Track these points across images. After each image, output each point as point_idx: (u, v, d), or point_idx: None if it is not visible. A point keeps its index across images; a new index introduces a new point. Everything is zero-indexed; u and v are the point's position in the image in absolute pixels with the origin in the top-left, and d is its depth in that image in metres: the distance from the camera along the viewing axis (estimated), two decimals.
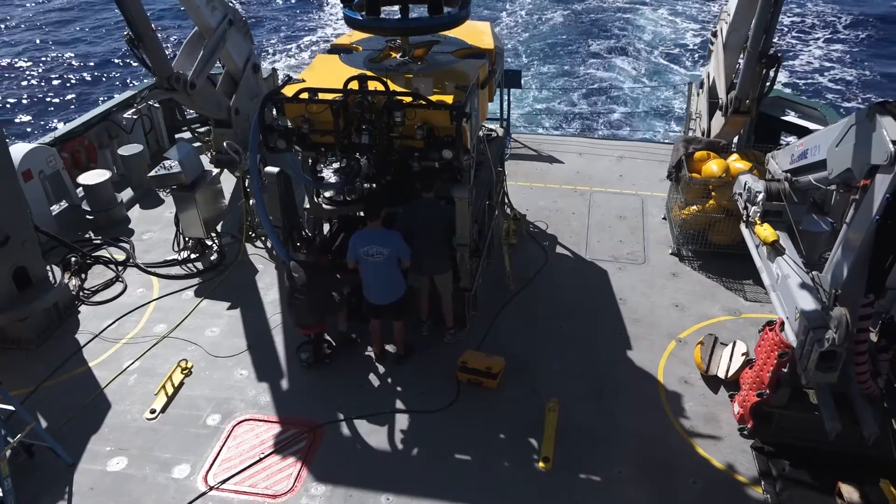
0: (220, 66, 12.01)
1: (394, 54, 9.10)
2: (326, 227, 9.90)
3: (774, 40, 9.02)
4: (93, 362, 8.80)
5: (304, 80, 8.14)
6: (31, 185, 10.88)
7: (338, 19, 34.83)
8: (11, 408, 7.06)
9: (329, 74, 8.23)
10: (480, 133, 9.31)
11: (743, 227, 8.36)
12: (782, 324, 6.95)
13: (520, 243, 10.88)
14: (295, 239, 8.77)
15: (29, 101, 27.72)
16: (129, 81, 27.68)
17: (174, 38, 29.75)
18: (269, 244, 10.86)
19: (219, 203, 10.95)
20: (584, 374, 8.38)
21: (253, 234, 11.07)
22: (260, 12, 37.34)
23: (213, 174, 10.81)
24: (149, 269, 10.59)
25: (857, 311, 6.22)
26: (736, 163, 9.95)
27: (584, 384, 8.24)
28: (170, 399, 8.14)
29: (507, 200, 11.12)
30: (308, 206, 9.26)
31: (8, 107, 27.18)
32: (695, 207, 10.21)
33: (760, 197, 7.73)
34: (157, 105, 14.01)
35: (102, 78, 29.83)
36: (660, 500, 6.84)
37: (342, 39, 9.91)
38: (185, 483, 7.08)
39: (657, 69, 28.97)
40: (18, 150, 10.79)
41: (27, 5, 40.36)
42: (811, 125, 11.81)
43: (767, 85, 9.36)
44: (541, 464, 7.18)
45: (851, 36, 31.24)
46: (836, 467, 6.86)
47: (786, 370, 7.06)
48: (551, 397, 7.93)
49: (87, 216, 11.75)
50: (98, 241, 11.27)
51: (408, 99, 7.49)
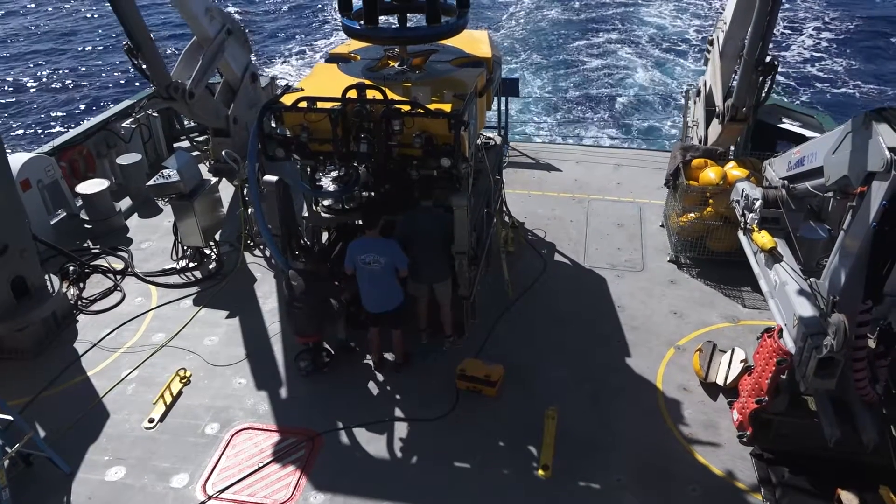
0: (219, 74, 12.03)
1: (392, 63, 9.13)
2: (325, 236, 9.91)
3: (770, 48, 9.07)
4: (91, 371, 8.78)
5: (302, 89, 8.18)
6: (30, 195, 10.89)
7: (336, 29, 34.99)
8: (10, 417, 7.04)
9: (327, 83, 8.26)
10: (478, 141, 9.34)
11: (741, 234, 8.38)
12: (780, 331, 6.96)
13: (518, 251, 10.90)
14: (293, 247, 8.78)
15: (28, 110, 27.76)
16: (127, 91, 27.68)
17: (173, 48, 29.87)
18: (267, 253, 10.87)
19: (217, 212, 10.96)
20: (582, 382, 8.37)
21: (251, 243, 11.08)
22: (258, 21, 37.48)
23: (212, 183, 10.82)
24: (147, 278, 10.59)
25: (855, 318, 6.23)
26: (733, 170, 9.99)
27: (583, 391, 8.23)
28: (168, 408, 8.12)
29: (505, 208, 11.14)
30: (306, 214, 9.27)
31: (7, 116, 27.21)
32: (692, 215, 10.24)
33: (758, 204, 7.76)
34: (155, 114, 14.03)
35: (101, 87, 29.86)
36: None
37: (340, 48, 9.95)
38: (183, 492, 7.06)
39: (661, 61, 29.42)
40: (17, 160, 10.81)
41: (26, 15, 40.47)
42: (808, 133, 11.86)
43: (764, 93, 9.41)
44: (540, 471, 7.17)
45: (847, 39, 31.48)
46: (835, 474, 6.85)
47: (784, 377, 7.06)
48: (550, 405, 7.93)
49: (86, 225, 11.75)
50: (96, 251, 11.26)
51: (406, 107, 7.52)
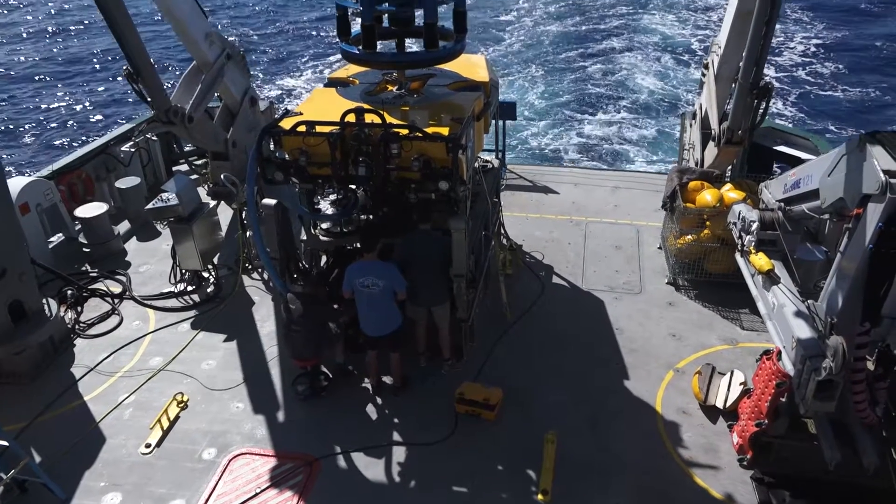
0: (218, 98, 12.11)
1: (390, 87, 9.21)
2: (324, 259, 9.91)
3: (765, 71, 9.15)
4: (88, 396, 8.73)
5: (301, 113, 8.24)
6: (29, 218, 10.90)
7: (331, 50, 35.34)
8: (5, 443, 6.99)
9: (326, 107, 8.33)
10: (476, 164, 9.39)
11: (738, 256, 8.39)
12: (779, 353, 6.95)
13: (516, 274, 10.91)
14: (292, 271, 8.78)
15: (28, 133, 27.90)
16: (127, 115, 27.86)
17: (174, 69, 30.11)
18: (265, 276, 10.87)
19: (215, 235, 10.97)
20: (581, 405, 8.34)
21: (250, 266, 11.09)
22: (258, 45, 37.77)
23: (210, 206, 10.85)
24: (145, 301, 10.57)
25: (854, 340, 6.23)
26: (730, 192, 10.04)
27: (582, 415, 8.20)
28: (165, 433, 8.07)
29: (503, 231, 11.17)
30: (305, 237, 9.29)
31: (7, 140, 27.35)
32: (690, 237, 10.27)
33: (754, 226, 7.77)
34: (154, 138, 14.10)
35: (100, 111, 30.03)
36: None
37: (339, 73, 10.04)
38: None
39: (664, 71, 30.11)
40: (16, 184, 10.84)
41: (26, 39, 40.80)
42: (803, 155, 11.92)
43: (759, 116, 9.48)
44: (539, 496, 7.11)
45: (841, 61, 31.91)
46: (836, 497, 6.81)
47: (784, 399, 7.04)
48: (549, 429, 7.89)
49: (84, 249, 11.76)
50: (94, 274, 11.26)
51: (404, 131, 7.57)
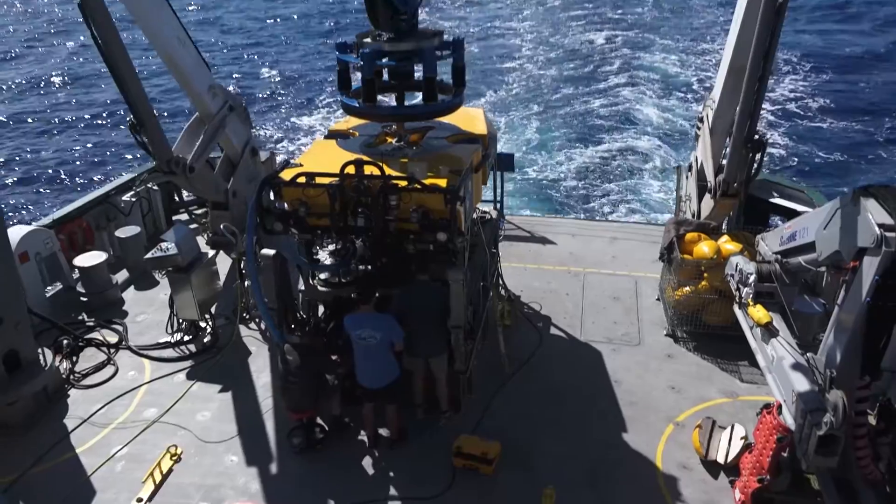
0: (219, 149, 12.25)
1: (389, 139, 9.34)
2: (321, 309, 9.88)
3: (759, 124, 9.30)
4: (80, 448, 8.61)
5: (301, 165, 8.33)
6: (27, 267, 10.91)
7: (329, 102, 36.00)
8: None
9: (326, 159, 8.43)
10: (474, 215, 9.45)
11: (736, 308, 8.40)
12: (780, 407, 6.90)
13: (514, 325, 10.87)
14: (289, 321, 8.76)
15: (29, 182, 28.14)
16: (128, 164, 28.15)
17: (174, 116, 30.53)
18: (263, 326, 10.82)
19: (214, 285, 10.97)
20: (580, 459, 8.22)
21: (247, 316, 11.05)
22: (260, 97, 38.37)
23: (209, 256, 10.88)
24: (141, 351, 10.51)
25: (854, 394, 6.19)
26: (727, 244, 10.08)
27: (581, 469, 8.08)
28: (158, 487, 7.92)
29: (501, 282, 11.17)
30: (303, 288, 9.28)
31: (9, 188, 27.57)
32: (688, 288, 10.27)
33: (752, 278, 7.81)
34: (155, 187, 14.21)
35: (102, 160, 30.34)
36: None
37: (339, 125, 10.18)
38: None
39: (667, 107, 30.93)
40: (16, 233, 10.87)
41: (28, 87, 41.46)
42: (799, 207, 12.01)
43: (754, 169, 9.58)
44: None
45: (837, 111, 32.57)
46: None
47: (786, 454, 6.95)
48: (548, 484, 7.76)
49: (82, 298, 11.73)
50: (91, 324, 11.21)
51: (403, 183, 7.65)
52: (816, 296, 10.17)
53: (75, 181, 28.06)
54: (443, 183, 7.78)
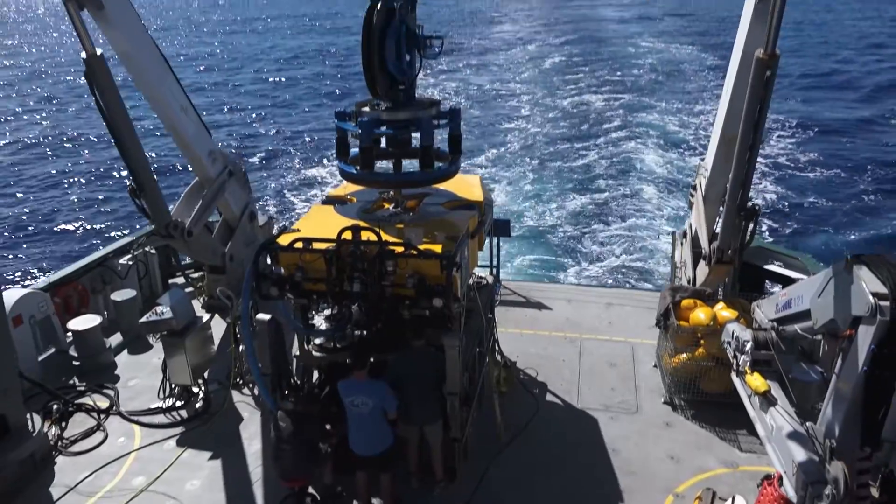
0: (218, 213, 12.38)
1: (386, 205, 9.44)
2: (316, 374, 9.80)
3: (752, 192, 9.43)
4: None
5: (298, 230, 8.40)
6: (21, 330, 10.84)
7: (333, 171, 36.52)
8: None
9: (323, 224, 8.50)
10: (470, 281, 9.47)
11: (734, 375, 8.34)
12: (780, 478, 6.78)
13: (510, 391, 10.74)
14: (283, 387, 8.67)
15: (28, 244, 28.23)
16: (126, 227, 28.31)
17: (174, 177, 30.89)
18: (256, 391, 10.70)
19: (208, 349, 10.89)
20: None
21: (240, 381, 10.93)
22: (258, 162, 38.90)
23: (204, 320, 10.83)
24: (132, 417, 10.35)
25: (855, 465, 6.09)
26: (723, 311, 10.08)
27: None
28: None
29: (497, 347, 11.12)
30: (298, 353, 9.22)
31: (6, 251, 27.63)
32: (685, 355, 10.22)
33: (748, 346, 7.78)
34: (153, 251, 14.26)
35: (101, 223, 30.53)
36: None
37: (337, 191, 10.30)
38: None
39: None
40: (11, 296, 10.86)
41: (27, 149, 42.00)
42: (794, 274, 12.09)
43: (748, 236, 9.68)
44: None
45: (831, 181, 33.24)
46: None
47: None
48: None
49: (74, 362, 11.63)
50: (82, 388, 11.07)
51: (399, 249, 7.70)
52: (814, 363, 10.11)
53: (73, 243, 28.16)
54: (439, 249, 7.83)
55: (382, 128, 8.87)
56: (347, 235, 7.78)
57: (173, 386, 10.66)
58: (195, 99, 11.44)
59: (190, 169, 11.89)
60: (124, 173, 10.07)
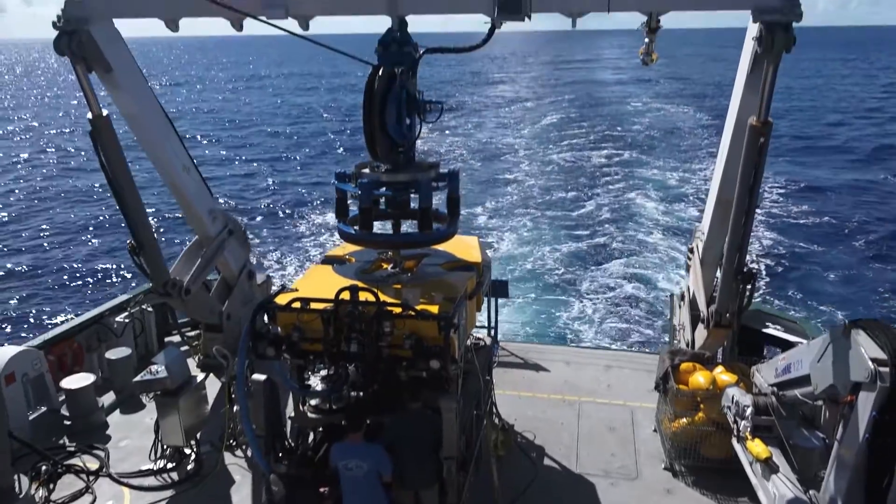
0: (216, 271, 12.38)
1: (385, 265, 9.46)
2: (311, 436, 9.64)
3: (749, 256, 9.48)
4: None
5: (297, 290, 8.39)
6: (13, 388, 10.72)
7: (333, 231, 36.80)
8: None
9: (322, 284, 8.51)
10: (468, 342, 9.43)
11: (734, 441, 8.24)
12: None
13: (508, 455, 10.57)
14: (277, 449, 8.52)
15: (25, 300, 28.16)
16: (125, 285, 28.31)
17: (173, 234, 31.02)
18: (249, 453, 10.51)
19: (201, 410, 10.74)
20: None
21: (234, 443, 10.76)
22: (258, 221, 39.16)
23: (199, 380, 10.71)
24: (121, 479, 10.14)
25: None
26: (722, 375, 10.00)
27: None
28: None
29: (494, 410, 10.98)
30: (293, 414, 9.10)
31: (3, 305, 27.55)
32: (685, 420, 10.09)
33: (749, 411, 7.72)
34: (150, 309, 14.21)
35: (98, 280, 30.54)
36: None
37: (336, 251, 10.34)
38: None
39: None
40: (5, 353, 10.79)
41: (24, 206, 42.31)
42: (792, 338, 12.04)
43: (746, 299, 9.67)
44: None
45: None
46: None
47: None
48: None
49: (65, 421, 11.45)
50: (72, 449, 10.87)
51: (397, 310, 7.68)
52: (815, 429, 9.99)
53: (70, 300, 28.13)
54: (437, 310, 7.82)
55: (382, 189, 8.97)
56: (345, 295, 7.78)
57: (165, 447, 10.48)
58: (197, 153, 11.58)
59: (190, 228, 11.95)
60: (124, 229, 10.08)
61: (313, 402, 8.84)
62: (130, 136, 10.24)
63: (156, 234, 11.04)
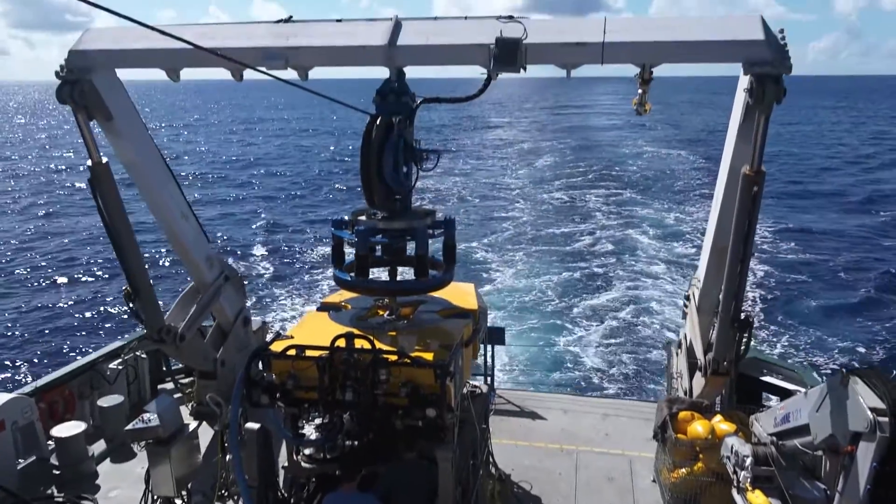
0: (211, 318, 12.33)
1: (381, 312, 9.43)
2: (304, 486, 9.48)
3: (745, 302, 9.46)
4: None
5: (292, 337, 8.35)
6: (2, 437, 10.55)
7: (328, 278, 36.83)
8: None
9: (317, 331, 8.46)
10: (464, 390, 9.35)
11: (735, 493, 8.11)
12: None
13: None
14: (270, 499, 8.37)
15: (17, 347, 27.91)
16: (119, 332, 28.14)
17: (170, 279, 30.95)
18: None
19: (193, 459, 10.53)
20: None
21: (225, 493, 10.55)
22: (254, 268, 39.10)
23: (191, 428, 10.55)
24: None
25: None
26: (721, 424, 9.90)
27: None
28: None
29: (491, 460, 10.82)
30: (287, 463, 8.96)
31: None
32: (684, 470, 9.95)
33: (748, 461, 7.62)
34: (143, 356, 14.08)
35: (92, 326, 30.34)
36: None
37: (332, 297, 10.31)
38: None
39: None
40: None
41: (18, 251, 42.25)
42: (790, 386, 11.95)
43: (743, 347, 9.63)
44: None
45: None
46: None
47: None
48: None
49: (55, 471, 11.24)
50: (60, 499, 10.64)
51: (393, 357, 7.63)
52: (816, 480, 9.85)
53: (64, 346, 27.90)
54: (432, 357, 7.77)
55: (378, 236, 9.00)
56: (341, 343, 7.73)
57: (156, 498, 10.26)
58: (193, 196, 11.64)
59: (187, 276, 11.94)
60: (119, 275, 10.07)
61: (307, 451, 8.72)
62: (129, 177, 10.32)
63: (152, 280, 11.00)
